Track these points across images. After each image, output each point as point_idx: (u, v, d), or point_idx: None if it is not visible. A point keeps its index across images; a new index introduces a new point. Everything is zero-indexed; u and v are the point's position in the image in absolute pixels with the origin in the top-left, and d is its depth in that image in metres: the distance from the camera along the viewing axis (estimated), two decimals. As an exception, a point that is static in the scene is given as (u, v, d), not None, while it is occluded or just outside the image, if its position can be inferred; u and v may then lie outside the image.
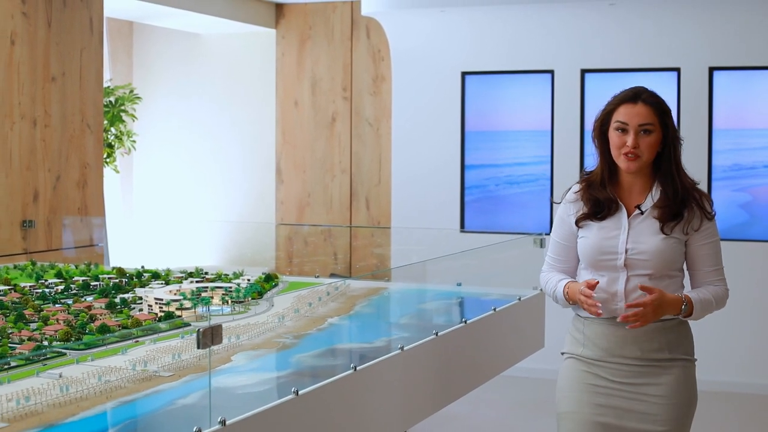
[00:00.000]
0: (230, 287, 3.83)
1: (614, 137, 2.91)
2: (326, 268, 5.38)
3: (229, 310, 3.52)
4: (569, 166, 6.98)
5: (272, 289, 3.98)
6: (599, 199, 2.95)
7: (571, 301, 2.96)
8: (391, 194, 7.65)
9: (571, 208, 3.02)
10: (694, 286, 2.98)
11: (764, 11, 6.64)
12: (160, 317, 3.32)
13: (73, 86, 5.62)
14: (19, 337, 2.98)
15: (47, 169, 5.44)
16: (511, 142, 7.27)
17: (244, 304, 3.59)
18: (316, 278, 4.52)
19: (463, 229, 7.30)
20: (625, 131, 2.89)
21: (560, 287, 2.99)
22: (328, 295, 3.78)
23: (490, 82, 7.27)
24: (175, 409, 2.40)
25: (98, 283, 4.06)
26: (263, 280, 4.08)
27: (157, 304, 3.46)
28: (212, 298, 3.66)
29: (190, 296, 3.62)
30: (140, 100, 7.69)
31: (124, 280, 4.14)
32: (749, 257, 6.71)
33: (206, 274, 4.32)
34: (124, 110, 7.43)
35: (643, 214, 2.91)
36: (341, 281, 4.11)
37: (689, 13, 6.77)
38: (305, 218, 8.15)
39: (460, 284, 4.40)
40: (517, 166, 7.27)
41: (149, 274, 4.31)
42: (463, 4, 6.90)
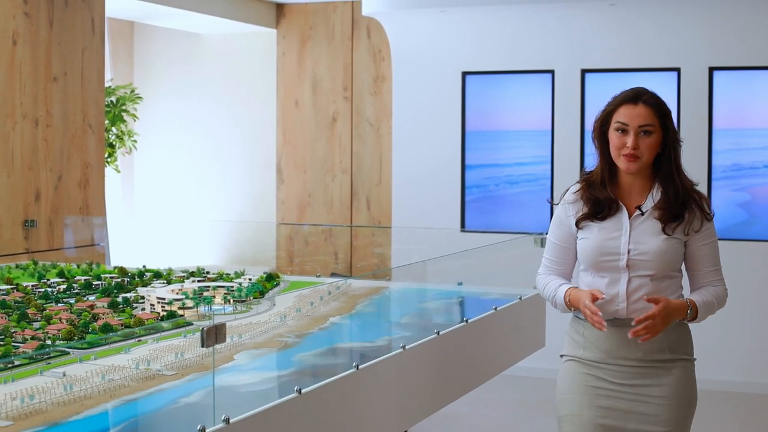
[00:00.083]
0: (232, 286, 3.83)
1: (614, 138, 2.90)
2: (327, 267, 5.38)
3: (231, 309, 3.52)
4: (569, 166, 6.99)
5: (274, 288, 3.99)
6: (600, 198, 2.92)
7: (572, 307, 2.94)
8: (391, 194, 7.66)
9: (570, 209, 3.00)
10: (693, 286, 2.98)
11: (764, 11, 6.64)
12: (162, 316, 3.33)
13: (74, 86, 5.64)
14: (22, 336, 2.99)
15: (49, 168, 5.45)
16: (511, 142, 7.28)
17: (245, 303, 3.60)
18: (317, 278, 4.52)
19: (463, 228, 7.30)
20: (625, 132, 2.88)
21: (560, 293, 2.96)
22: (329, 294, 3.79)
23: (490, 82, 7.28)
24: (178, 407, 2.42)
25: (100, 282, 4.07)
26: (264, 279, 4.08)
27: (159, 303, 3.47)
28: (214, 297, 3.67)
29: (192, 295, 3.63)
30: (141, 100, 7.69)
31: (126, 279, 4.16)
32: (749, 257, 6.72)
33: (208, 273, 4.32)
34: (125, 110, 7.44)
35: (643, 214, 2.90)
36: (342, 281, 4.12)
37: (689, 13, 6.78)
38: (306, 218, 8.16)
39: (460, 284, 4.41)
40: (517, 165, 7.28)
41: (151, 273, 4.32)
42: (463, 4, 6.91)
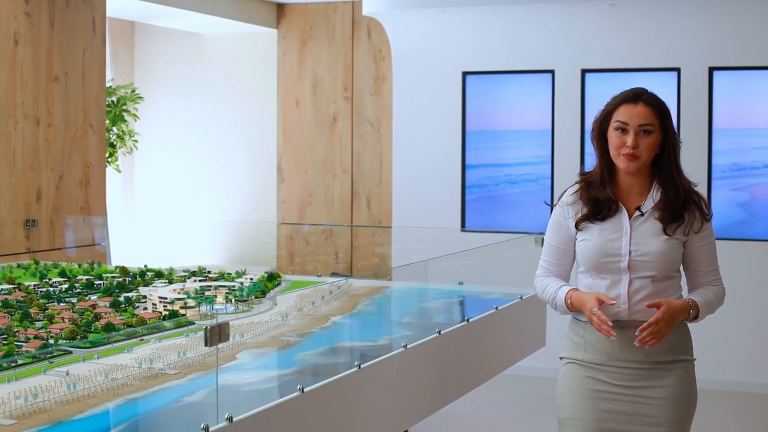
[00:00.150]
0: (233, 286, 3.84)
1: (614, 137, 2.89)
2: (328, 267, 5.39)
3: (232, 308, 3.54)
4: (569, 165, 7.00)
5: (275, 287, 4.00)
6: (599, 199, 2.91)
7: (573, 309, 2.92)
8: (392, 194, 7.67)
9: (569, 210, 2.97)
10: (692, 286, 2.98)
11: (764, 11, 6.65)
12: (164, 316, 3.34)
13: (75, 86, 5.64)
14: (25, 335, 3.00)
15: (50, 168, 5.46)
16: (511, 141, 7.29)
17: (247, 302, 3.61)
18: (318, 277, 4.53)
19: (463, 228, 7.31)
20: (625, 131, 2.86)
21: (561, 294, 2.94)
22: (330, 293, 3.79)
23: (490, 81, 7.29)
24: (181, 406, 2.43)
25: (102, 282, 4.08)
26: (266, 279, 4.09)
27: (161, 302, 3.48)
28: (216, 296, 3.68)
29: (193, 295, 3.64)
30: (142, 99, 7.70)
31: (127, 279, 4.16)
32: (748, 256, 6.73)
33: (209, 273, 4.33)
34: (126, 110, 7.45)
35: (643, 215, 2.89)
36: (344, 280, 4.13)
37: (689, 13, 6.79)
38: (306, 218, 8.17)
39: (461, 283, 4.41)
40: (517, 165, 7.29)
41: (152, 273, 4.33)
42: (463, 4, 6.92)
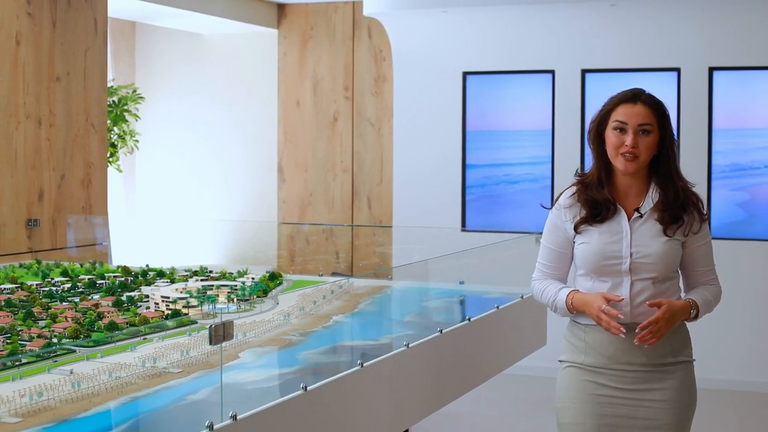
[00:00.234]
0: (235, 285, 3.85)
1: (612, 137, 2.87)
2: (329, 266, 5.39)
3: (234, 308, 3.55)
4: (570, 165, 7.00)
5: (277, 287, 4.01)
6: (597, 200, 2.88)
7: (575, 311, 2.88)
8: (392, 193, 7.68)
9: (566, 213, 2.95)
10: (690, 286, 2.97)
11: (764, 11, 6.67)
12: (167, 315, 3.35)
13: (77, 86, 5.66)
14: (28, 334, 3.01)
15: (52, 168, 5.47)
16: (511, 141, 7.31)
17: (249, 302, 3.62)
18: (319, 276, 4.54)
19: (464, 228, 7.33)
20: (623, 131, 2.85)
21: (561, 297, 2.90)
22: (332, 293, 3.80)
23: (491, 82, 7.30)
24: (185, 404, 2.44)
25: (104, 281, 4.09)
26: (267, 278, 4.09)
27: (163, 302, 3.49)
28: (218, 296, 3.69)
29: (196, 294, 3.65)
30: (143, 99, 7.71)
31: (129, 278, 4.17)
32: (748, 256, 6.75)
33: (211, 272, 4.34)
34: (127, 110, 7.46)
35: (642, 216, 2.87)
36: (345, 279, 4.14)
37: (689, 13, 6.80)
38: (307, 217, 8.18)
39: (462, 282, 4.42)
40: (517, 165, 7.30)
41: (154, 272, 4.34)
42: (464, 4, 6.93)
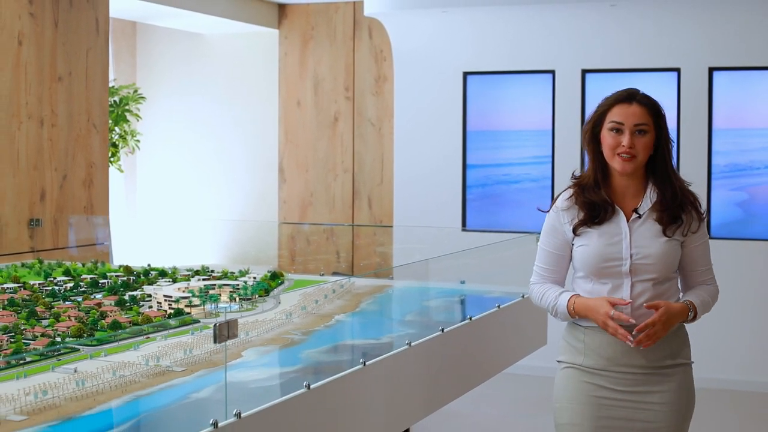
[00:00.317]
0: (237, 285, 3.87)
1: (608, 138, 2.85)
2: (330, 266, 5.41)
3: (237, 307, 3.56)
4: (570, 165, 7.01)
5: (278, 286, 4.02)
6: (595, 202, 2.86)
7: (577, 316, 2.86)
8: (393, 193, 7.70)
9: (564, 216, 2.92)
10: (687, 286, 2.95)
11: (764, 11, 6.68)
12: (169, 314, 3.36)
13: (79, 86, 5.67)
14: (32, 333, 3.02)
15: (54, 168, 5.49)
16: (512, 141, 7.32)
17: (251, 301, 3.64)
18: (320, 276, 4.55)
19: (464, 228, 7.34)
20: (620, 131, 2.83)
21: (562, 301, 2.88)
22: (333, 292, 3.81)
23: (491, 82, 7.31)
24: (189, 402, 2.45)
25: (106, 281, 4.10)
26: (269, 278, 4.11)
27: (166, 301, 3.51)
28: (220, 295, 3.71)
29: (198, 294, 3.66)
30: (144, 100, 7.73)
31: (131, 278, 4.19)
32: (748, 256, 6.76)
33: (212, 272, 4.36)
34: (128, 110, 7.48)
35: (641, 217, 2.85)
36: (346, 279, 4.15)
37: (689, 13, 6.82)
38: (308, 217, 8.19)
39: (463, 282, 4.44)
40: (518, 165, 7.32)
41: (156, 272, 4.35)
42: (464, 4, 6.95)
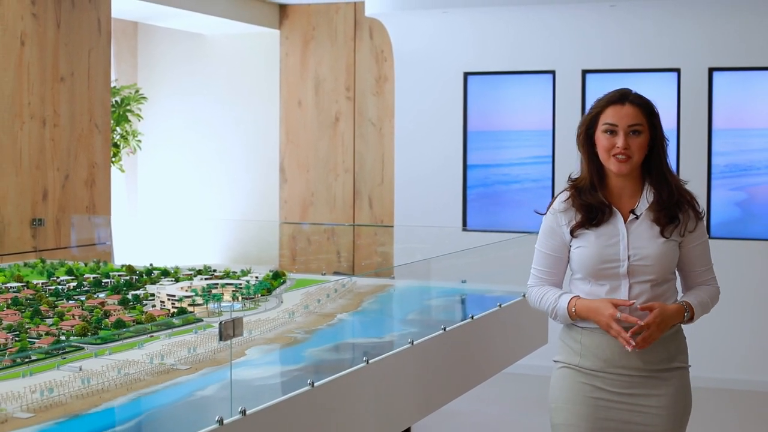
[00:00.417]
0: (240, 284, 3.88)
1: (603, 140, 2.84)
2: (331, 266, 5.42)
3: (239, 306, 3.58)
4: (570, 165, 6.94)
5: (280, 286, 4.04)
6: (592, 204, 2.85)
7: (578, 318, 2.84)
8: (393, 193, 7.71)
9: (561, 218, 2.91)
10: (687, 286, 2.94)
11: (764, 12, 6.70)
12: (173, 313, 3.38)
13: (81, 86, 5.69)
14: (36, 332, 3.04)
15: (56, 168, 5.50)
16: (512, 141, 7.34)
17: (254, 300, 3.65)
18: (322, 275, 4.57)
19: (465, 227, 7.36)
20: (614, 133, 2.81)
21: (562, 303, 2.86)
22: (336, 292, 3.83)
23: (492, 82, 7.33)
24: (194, 400, 2.47)
25: (109, 280, 4.12)
26: (271, 277, 4.12)
27: (169, 300, 3.52)
28: (223, 294, 3.72)
29: (201, 293, 3.68)
30: (146, 100, 7.74)
31: (134, 277, 4.20)
32: (747, 256, 6.78)
33: (214, 271, 4.37)
34: (129, 110, 7.49)
35: (638, 218, 2.83)
36: (348, 278, 4.17)
37: (689, 14, 6.84)
38: (309, 217, 8.21)
39: (464, 281, 4.46)
40: (518, 165, 7.34)
41: (159, 271, 4.37)
42: (465, 5, 6.97)
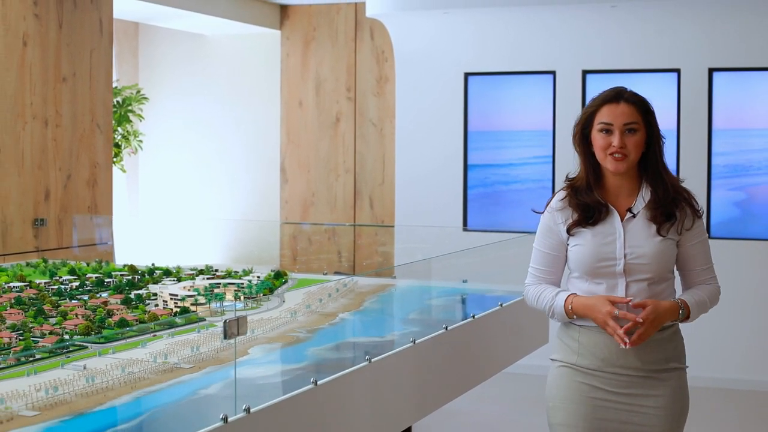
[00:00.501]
0: (242, 284, 3.90)
1: (599, 139, 2.83)
2: (332, 265, 5.44)
3: (242, 305, 3.59)
4: (570, 165, 7.00)
5: (282, 285, 4.05)
6: (588, 203, 2.85)
7: (575, 315, 2.83)
8: (394, 193, 7.73)
9: (558, 216, 2.92)
10: (686, 286, 2.92)
11: (764, 12, 6.71)
12: (175, 312, 3.40)
13: (83, 86, 5.71)
14: (40, 331, 3.06)
15: (58, 168, 5.52)
16: (513, 142, 7.35)
17: (256, 299, 3.67)
18: (324, 275, 4.58)
19: (465, 227, 7.37)
20: (609, 132, 2.80)
21: (559, 301, 2.85)
22: (337, 291, 3.85)
23: (492, 82, 7.35)
24: (198, 398, 2.49)
25: (112, 279, 4.14)
26: (273, 277, 4.14)
27: (172, 299, 3.54)
28: (225, 294, 3.74)
29: (203, 292, 3.69)
30: (147, 100, 7.76)
31: (136, 276, 4.22)
32: (747, 256, 6.80)
33: (216, 271, 4.39)
34: (131, 110, 7.51)
35: (635, 216, 2.82)
36: (350, 278, 4.18)
37: (689, 14, 6.85)
38: (309, 217, 8.22)
39: (465, 281, 4.47)
40: (519, 165, 7.35)
41: (161, 271, 4.39)
42: (466, 5, 6.98)
